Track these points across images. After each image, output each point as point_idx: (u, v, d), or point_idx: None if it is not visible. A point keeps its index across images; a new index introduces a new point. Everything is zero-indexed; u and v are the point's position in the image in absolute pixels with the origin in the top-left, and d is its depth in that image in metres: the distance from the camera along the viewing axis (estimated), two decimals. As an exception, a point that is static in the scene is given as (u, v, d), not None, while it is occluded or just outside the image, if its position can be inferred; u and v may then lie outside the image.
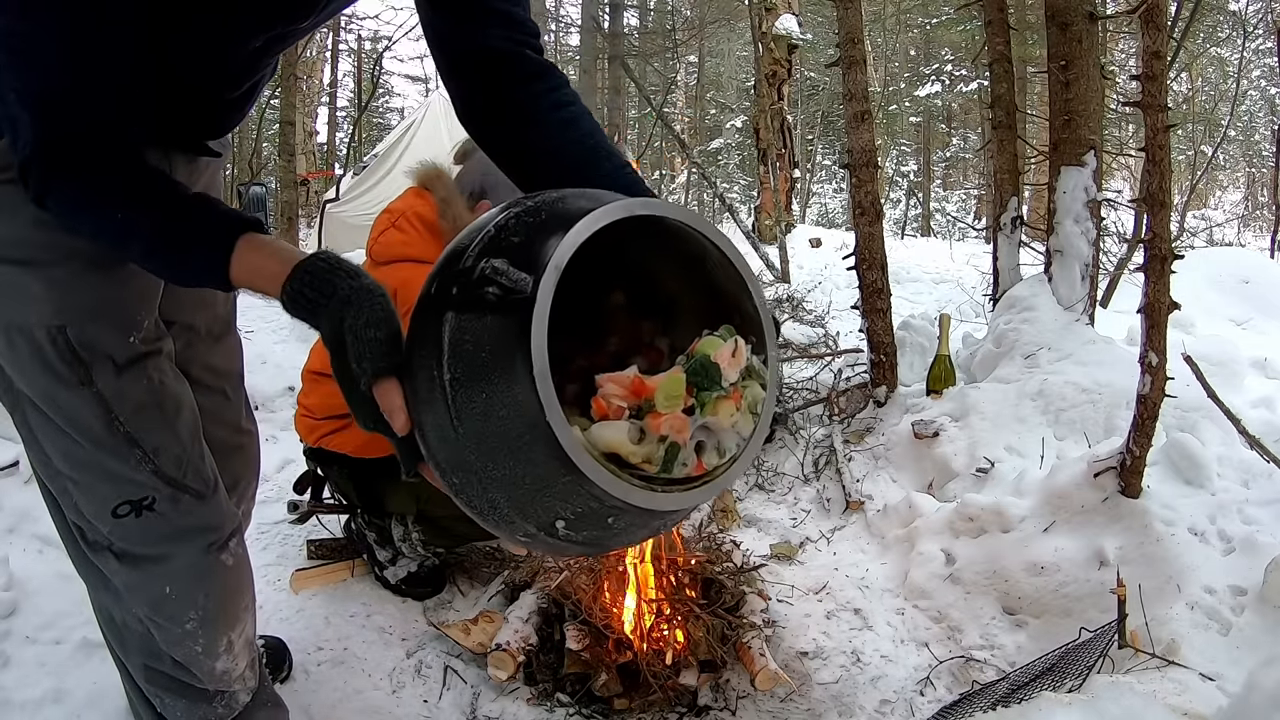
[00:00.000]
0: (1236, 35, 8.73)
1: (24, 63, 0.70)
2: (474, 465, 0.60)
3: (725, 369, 0.63)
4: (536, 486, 0.59)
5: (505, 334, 0.56)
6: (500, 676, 1.57)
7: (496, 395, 0.57)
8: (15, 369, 0.91)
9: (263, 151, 10.71)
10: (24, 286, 0.86)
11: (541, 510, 0.60)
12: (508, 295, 0.56)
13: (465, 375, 0.58)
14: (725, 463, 0.64)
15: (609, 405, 0.61)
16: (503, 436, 0.57)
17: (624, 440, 0.59)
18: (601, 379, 0.62)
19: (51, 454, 0.96)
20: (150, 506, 0.98)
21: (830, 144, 16.37)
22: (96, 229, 0.75)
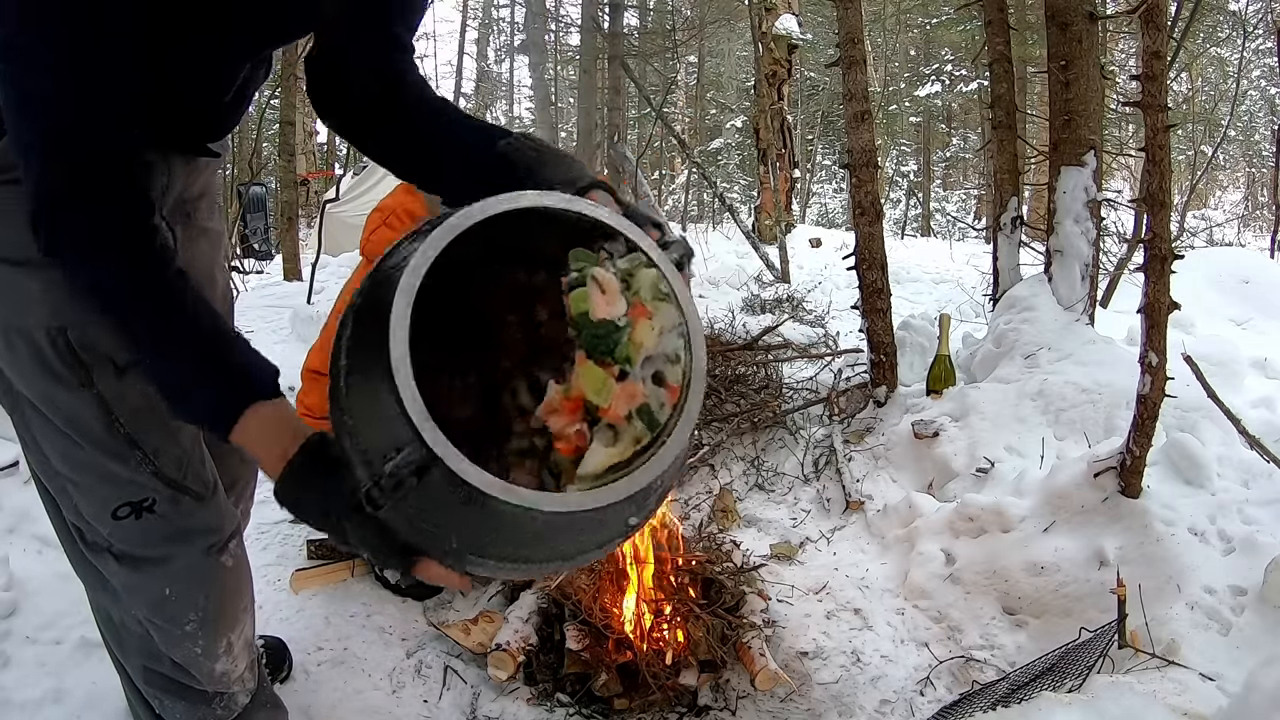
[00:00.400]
0: (1236, 35, 8.73)
1: (26, 88, 0.70)
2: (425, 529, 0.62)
3: (605, 311, 0.61)
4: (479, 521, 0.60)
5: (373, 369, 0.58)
6: (500, 676, 1.57)
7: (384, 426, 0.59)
8: (15, 371, 0.91)
9: (263, 151, 10.71)
10: (23, 288, 0.86)
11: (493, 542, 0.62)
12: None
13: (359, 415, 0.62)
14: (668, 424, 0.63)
15: (569, 440, 0.60)
16: (437, 503, 0.60)
17: (609, 451, 0.59)
18: (543, 420, 0.62)
19: (51, 455, 0.96)
20: (150, 508, 0.98)
21: (830, 144, 16.37)
22: (105, 315, 0.74)
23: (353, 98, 0.96)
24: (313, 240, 5.75)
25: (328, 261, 5.41)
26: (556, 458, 0.62)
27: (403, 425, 0.56)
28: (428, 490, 0.57)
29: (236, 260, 7.19)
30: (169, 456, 0.98)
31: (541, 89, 16.34)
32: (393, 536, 0.65)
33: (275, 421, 0.71)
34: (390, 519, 0.62)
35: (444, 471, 0.56)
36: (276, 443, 0.70)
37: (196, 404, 0.73)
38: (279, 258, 7.26)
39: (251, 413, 0.71)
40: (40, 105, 0.70)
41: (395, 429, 0.57)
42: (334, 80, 0.97)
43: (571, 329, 0.63)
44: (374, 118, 0.96)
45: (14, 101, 0.70)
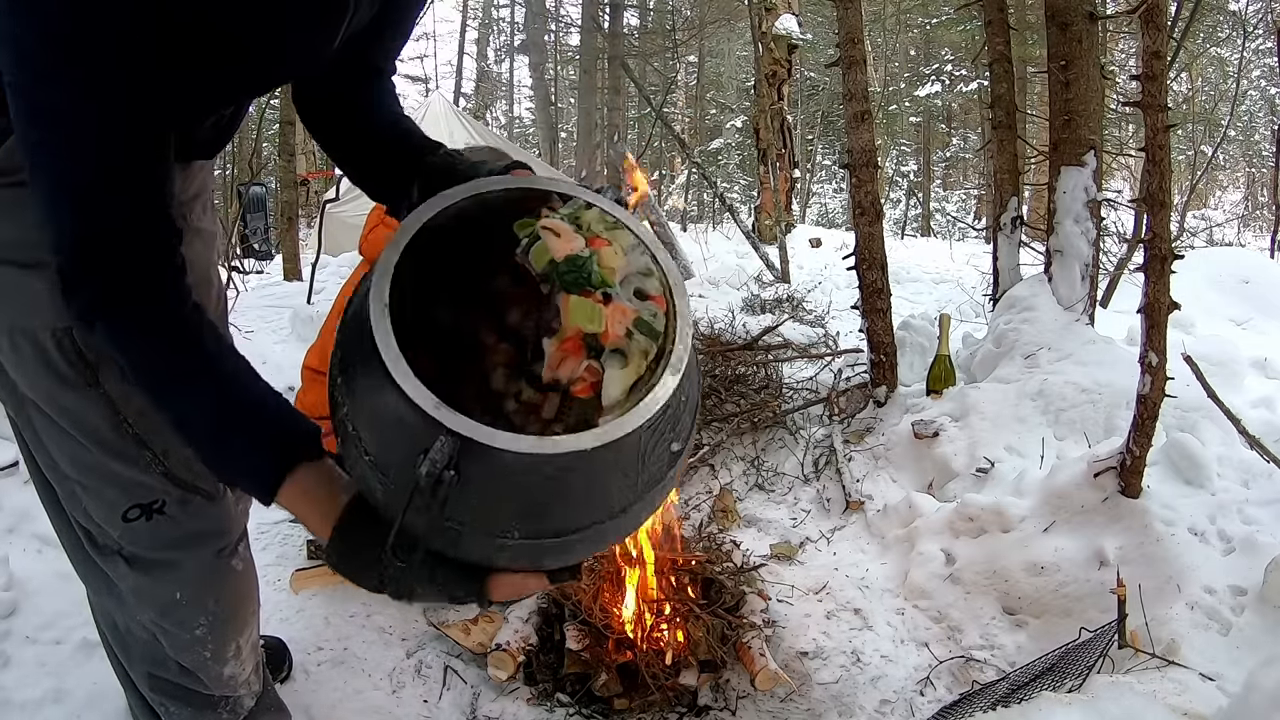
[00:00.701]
0: (1236, 35, 8.73)
1: (57, 151, 0.67)
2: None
3: (566, 248, 0.63)
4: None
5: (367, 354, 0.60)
6: (500, 676, 1.57)
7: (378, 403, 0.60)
8: (20, 373, 0.90)
9: (263, 151, 10.70)
10: (28, 289, 0.85)
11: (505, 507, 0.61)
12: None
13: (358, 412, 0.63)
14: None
15: (584, 380, 0.61)
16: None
17: (624, 372, 0.61)
18: (553, 375, 0.63)
19: (59, 458, 0.95)
20: (160, 510, 0.97)
21: (830, 144, 16.37)
22: (143, 389, 0.72)
23: (324, 115, 1.00)
24: (313, 240, 5.75)
25: (328, 261, 5.41)
26: (578, 409, 0.63)
27: (420, 427, 0.56)
28: (469, 483, 0.56)
29: (236, 260, 7.18)
30: (178, 457, 0.97)
31: (541, 89, 16.36)
32: (454, 564, 0.64)
33: (319, 485, 0.71)
34: (443, 543, 0.61)
35: (480, 453, 0.55)
36: (320, 506, 0.69)
37: (239, 470, 0.72)
38: (279, 258, 7.26)
39: (295, 477, 0.70)
40: (66, 173, 0.67)
41: (413, 436, 0.57)
42: (310, 96, 0.99)
43: (543, 284, 0.64)
44: (337, 132, 0.99)
45: (41, 162, 0.67)
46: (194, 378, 0.71)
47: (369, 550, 0.66)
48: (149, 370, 0.71)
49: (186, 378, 0.71)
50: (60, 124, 0.65)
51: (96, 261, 0.69)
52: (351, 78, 0.97)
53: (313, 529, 0.70)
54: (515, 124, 22.45)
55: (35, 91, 0.65)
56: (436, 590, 0.67)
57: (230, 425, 0.71)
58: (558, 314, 0.63)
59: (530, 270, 0.65)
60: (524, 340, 0.73)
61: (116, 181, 0.68)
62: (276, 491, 0.70)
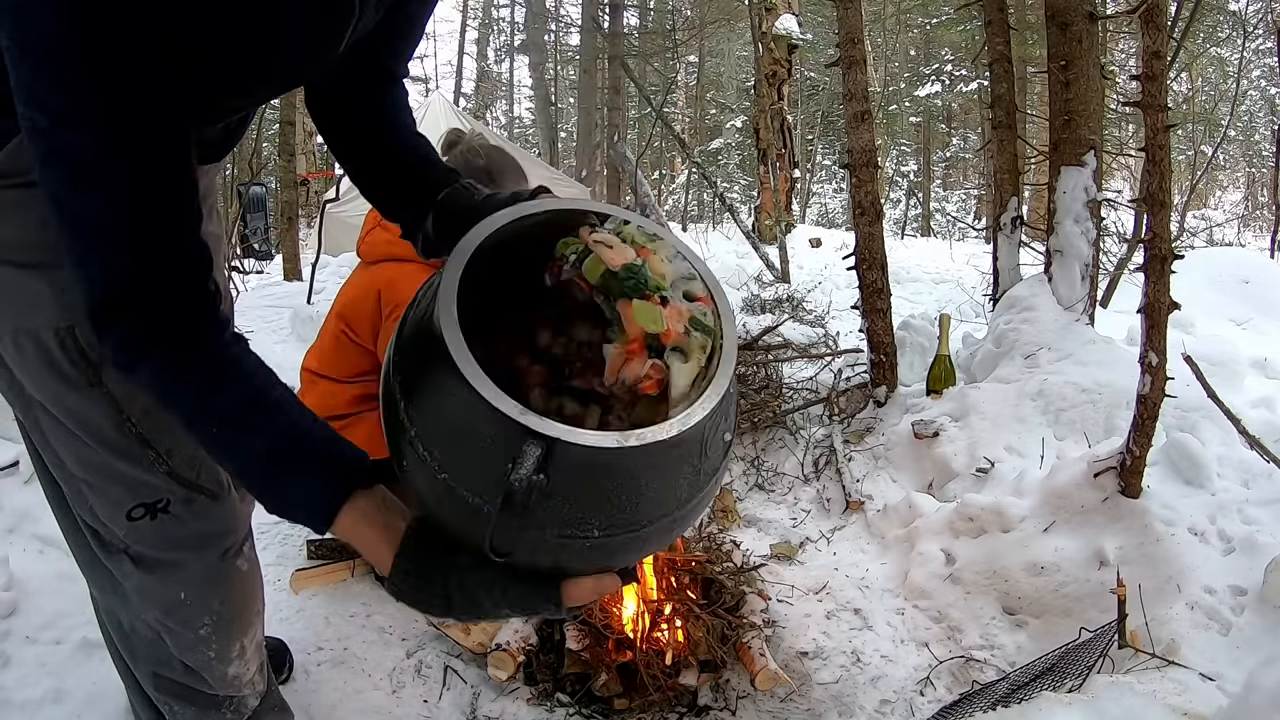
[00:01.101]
0: (1236, 35, 8.73)
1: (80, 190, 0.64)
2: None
3: (621, 258, 0.67)
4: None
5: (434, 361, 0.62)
6: (500, 676, 1.57)
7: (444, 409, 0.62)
8: (25, 373, 0.90)
9: (263, 151, 10.70)
10: (31, 289, 0.85)
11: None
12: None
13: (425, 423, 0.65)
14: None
15: (650, 378, 0.65)
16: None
17: (689, 366, 0.65)
18: (615, 377, 0.66)
19: (65, 458, 0.95)
20: (165, 509, 0.97)
21: (830, 144, 16.38)
22: (186, 426, 0.70)
23: (336, 118, 1.00)
24: (313, 240, 5.75)
25: (328, 261, 5.41)
26: (640, 410, 0.68)
27: (506, 436, 0.58)
28: (555, 487, 0.58)
29: (236, 260, 7.19)
30: (182, 455, 0.97)
31: (541, 89, 16.36)
32: (527, 575, 0.64)
33: (376, 511, 0.69)
34: (523, 555, 0.62)
35: (566, 454, 0.57)
36: (380, 533, 0.68)
37: (294, 501, 0.70)
38: (279, 258, 7.26)
39: (352, 505, 0.69)
40: (97, 211, 0.64)
41: (496, 448, 0.58)
42: (323, 99, 0.99)
43: (597, 295, 0.68)
44: (350, 142, 1.00)
45: (70, 205, 0.64)
46: (242, 412, 0.69)
47: (436, 573, 0.66)
48: (195, 410, 0.69)
49: (234, 413, 0.69)
50: (85, 167, 0.63)
51: (135, 302, 0.66)
52: (362, 81, 0.97)
53: (372, 557, 0.69)
54: (515, 124, 22.45)
55: (57, 134, 0.62)
56: (510, 605, 0.66)
57: (282, 457, 0.69)
58: (613, 322, 0.67)
59: (581, 283, 0.68)
60: (557, 360, 0.76)
61: (152, 215, 0.66)
62: (333, 520, 0.69)
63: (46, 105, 0.62)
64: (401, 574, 0.67)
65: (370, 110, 0.98)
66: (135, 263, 0.66)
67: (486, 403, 0.58)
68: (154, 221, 0.66)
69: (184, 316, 0.69)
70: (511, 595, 0.65)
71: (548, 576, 0.66)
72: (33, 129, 0.63)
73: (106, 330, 0.67)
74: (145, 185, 0.65)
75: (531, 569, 0.65)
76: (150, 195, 0.65)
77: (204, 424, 0.69)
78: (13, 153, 0.79)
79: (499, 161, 1.90)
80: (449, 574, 0.66)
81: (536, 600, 0.66)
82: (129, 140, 0.63)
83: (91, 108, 0.62)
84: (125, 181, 0.64)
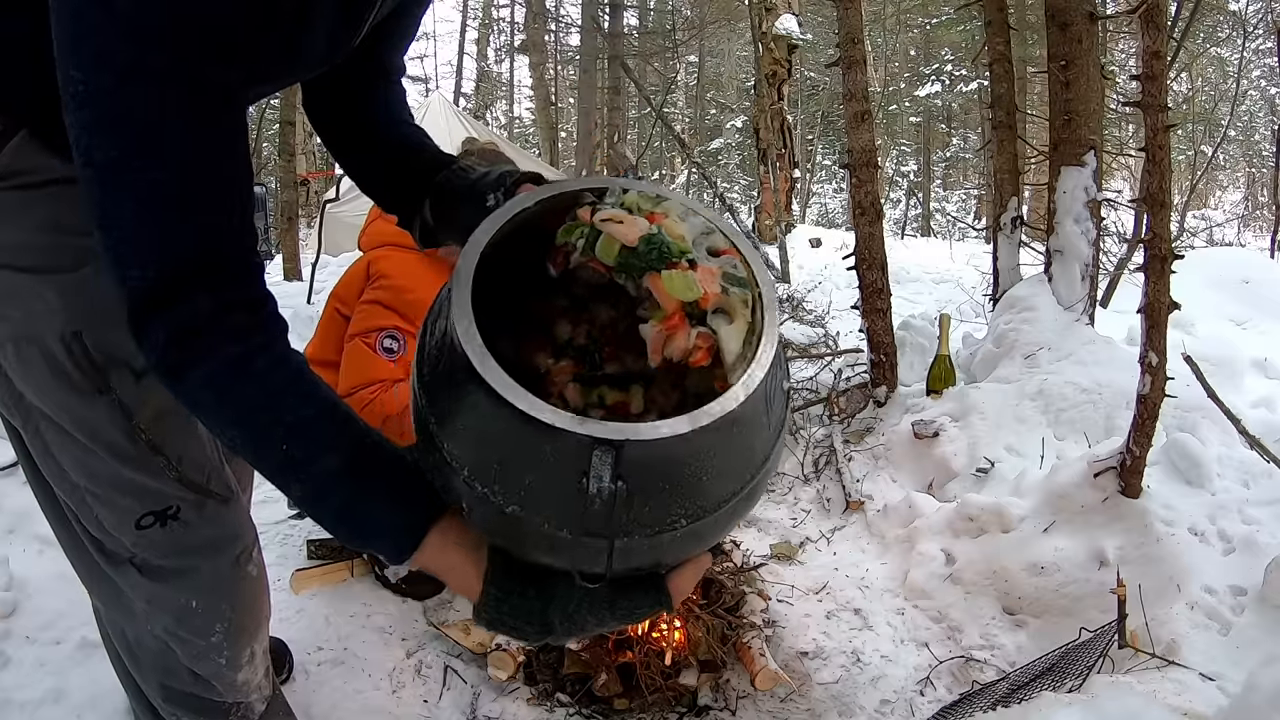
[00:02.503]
0: (1236, 35, 8.73)
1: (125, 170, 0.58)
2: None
3: (636, 231, 0.63)
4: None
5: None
6: (500, 676, 1.57)
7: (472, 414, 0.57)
8: (27, 382, 0.87)
9: (263, 151, 10.70)
10: (34, 295, 0.82)
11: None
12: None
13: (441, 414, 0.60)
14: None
15: (699, 348, 0.61)
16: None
17: (737, 325, 0.60)
18: (662, 355, 0.62)
19: (69, 468, 0.92)
20: (175, 516, 0.95)
21: (830, 144, 16.38)
22: (247, 446, 0.63)
23: (335, 123, 0.98)
24: (313, 240, 5.75)
25: (328, 261, 5.41)
26: (693, 379, 0.64)
27: (569, 450, 0.53)
28: (635, 488, 0.54)
29: (236, 260, 7.18)
30: (192, 461, 0.95)
31: (541, 89, 16.34)
32: (630, 583, 0.61)
33: (462, 536, 0.63)
34: (618, 567, 0.59)
35: (637, 451, 0.53)
36: (466, 559, 0.63)
37: (375, 528, 0.63)
38: (279, 258, 7.26)
39: (439, 530, 0.63)
40: (148, 188, 0.58)
41: (563, 467, 0.54)
42: (322, 95, 0.98)
43: (618, 276, 0.63)
44: (349, 140, 0.98)
45: (117, 180, 0.58)
46: (316, 426, 0.62)
47: (535, 600, 0.62)
48: (265, 422, 0.61)
49: (309, 427, 0.61)
50: (150, 130, 0.56)
51: (190, 290, 0.59)
52: (363, 75, 0.95)
53: (458, 584, 0.64)
54: (515, 124, 22.45)
55: (120, 94, 0.56)
56: (618, 618, 0.62)
57: (361, 478, 0.62)
58: (641, 299, 0.62)
59: (598, 267, 0.64)
60: (582, 349, 0.71)
61: (215, 195, 0.60)
62: (418, 548, 0.63)
63: (117, 58, 0.55)
64: (494, 601, 0.62)
65: (368, 104, 0.97)
66: (200, 236, 0.59)
67: (542, 424, 0.53)
68: (220, 193, 0.60)
69: (246, 305, 0.61)
70: (619, 609, 0.62)
71: (648, 578, 0.62)
72: (88, 92, 0.56)
73: (156, 319, 0.59)
74: (215, 154, 0.60)
75: (629, 576, 0.61)
76: (219, 166, 0.60)
77: (273, 441, 0.61)
78: (14, 153, 0.77)
79: None
80: (549, 600, 0.61)
81: (644, 606, 0.63)
82: (204, 105, 0.58)
83: (165, 62, 0.56)
84: (197, 148, 0.58)
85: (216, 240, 0.60)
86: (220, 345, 0.60)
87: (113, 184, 0.57)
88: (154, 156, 0.57)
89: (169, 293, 0.58)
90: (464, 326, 0.56)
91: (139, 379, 0.89)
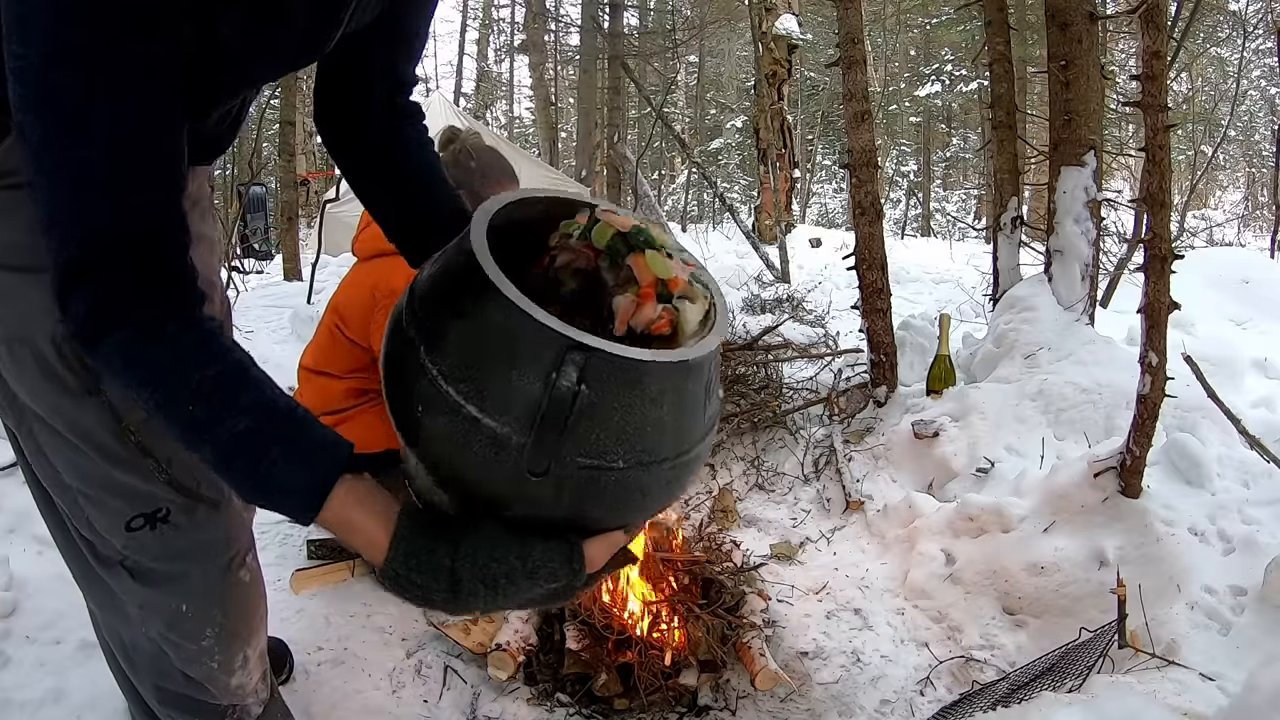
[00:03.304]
0: (1236, 35, 8.73)
1: (69, 142, 0.60)
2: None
3: (625, 222, 0.73)
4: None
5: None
6: (500, 676, 1.57)
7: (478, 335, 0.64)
8: (20, 383, 0.87)
9: (263, 151, 10.69)
10: (25, 295, 0.82)
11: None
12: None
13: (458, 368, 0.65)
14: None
15: (663, 319, 0.69)
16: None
17: (697, 306, 0.70)
18: (628, 324, 0.69)
19: (62, 469, 0.92)
20: (165, 518, 0.95)
21: (830, 144, 16.38)
22: (159, 409, 0.63)
23: (347, 129, 0.99)
24: (313, 240, 5.75)
25: (328, 261, 5.41)
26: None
27: (546, 350, 0.59)
28: (593, 400, 0.60)
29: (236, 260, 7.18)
30: (182, 463, 0.95)
31: (541, 89, 16.35)
32: (546, 530, 0.64)
33: (368, 494, 0.64)
34: (547, 489, 0.62)
35: (603, 364, 0.59)
36: (373, 517, 0.63)
37: (280, 484, 0.63)
38: (279, 258, 7.27)
39: (342, 487, 0.63)
40: (80, 164, 0.60)
41: (536, 364, 0.59)
42: (335, 104, 0.98)
43: (603, 260, 0.71)
44: (361, 155, 0.99)
45: (51, 155, 0.60)
46: (224, 388, 0.63)
47: (441, 548, 0.62)
48: (171, 385, 0.62)
49: (216, 388, 0.62)
50: (76, 108, 0.59)
51: (110, 264, 0.61)
52: (369, 86, 0.96)
53: (364, 542, 0.64)
54: (515, 124, 22.45)
55: (48, 73, 0.58)
56: (527, 571, 0.62)
57: (268, 437, 0.63)
58: (623, 278, 0.71)
59: (586, 251, 0.72)
60: None
61: (139, 173, 0.62)
62: (323, 504, 0.63)
63: (45, 37, 0.57)
64: (403, 557, 0.62)
65: (381, 125, 0.97)
66: (120, 213, 0.61)
67: (530, 318, 0.59)
68: (145, 170, 0.62)
69: (164, 278, 0.63)
70: (530, 562, 0.62)
71: (562, 537, 0.65)
72: (23, 69, 0.58)
73: (78, 291, 0.61)
74: (141, 131, 0.61)
75: (547, 522, 0.65)
76: (144, 143, 0.61)
77: (180, 402, 0.62)
78: (7, 153, 0.77)
79: (491, 164, 1.91)
80: (456, 546, 0.61)
81: (557, 558, 0.63)
82: (128, 82, 0.59)
83: (86, 39, 0.57)
84: (122, 125, 0.60)
85: (139, 219, 0.62)
86: (134, 312, 0.62)
87: (42, 160, 0.60)
88: (80, 134, 0.59)
89: (90, 266, 0.60)
90: (478, 239, 0.64)
91: None
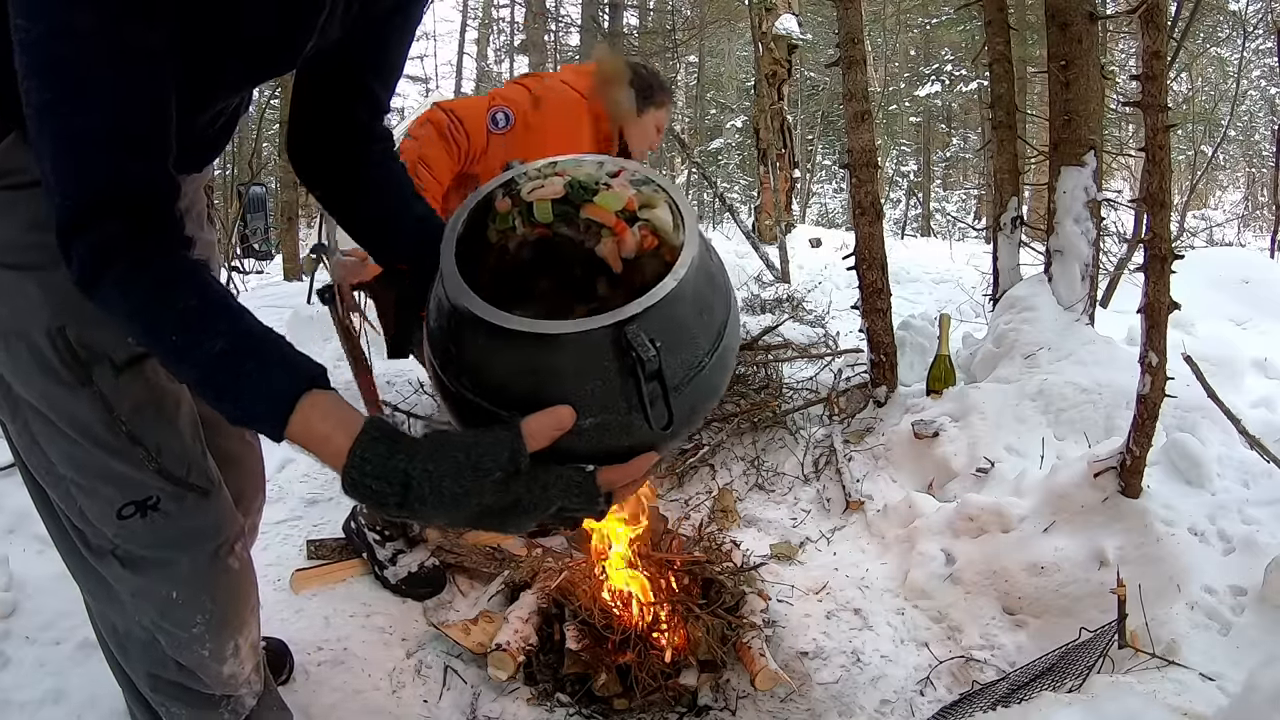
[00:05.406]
0: (1236, 35, 8.72)
1: (67, 101, 0.66)
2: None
3: (556, 187, 0.76)
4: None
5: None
6: (500, 676, 1.57)
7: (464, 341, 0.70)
8: (15, 375, 0.91)
9: (263, 151, 10.69)
10: (20, 291, 0.86)
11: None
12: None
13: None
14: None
15: (641, 239, 0.74)
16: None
17: (661, 207, 0.75)
18: (623, 254, 0.74)
19: (55, 459, 0.96)
20: (155, 506, 0.98)
21: (830, 144, 16.35)
22: (147, 336, 0.70)
23: (317, 156, 1.02)
24: (313, 240, 5.75)
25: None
26: (650, 272, 0.75)
27: (599, 350, 0.65)
28: (667, 344, 0.66)
29: (236, 260, 7.19)
30: (171, 452, 0.99)
31: (541, 89, 16.32)
32: (477, 420, 0.70)
33: (334, 407, 0.68)
34: (679, 429, 0.71)
35: (653, 315, 0.65)
36: (337, 425, 0.66)
37: (253, 396, 0.68)
38: (279, 258, 7.27)
39: (310, 398, 0.67)
40: (78, 127, 0.67)
41: (595, 367, 0.65)
42: (305, 133, 1.01)
43: (558, 227, 0.75)
44: (332, 179, 1.02)
45: (51, 122, 0.67)
46: (204, 315, 0.69)
47: (392, 460, 0.64)
48: (157, 312, 0.69)
49: (196, 315, 0.68)
50: (78, 79, 0.65)
51: (106, 216, 0.67)
52: (348, 98, 0.98)
53: (330, 454, 0.67)
54: (515, 124, 22.39)
55: (52, 44, 0.64)
56: (471, 468, 0.64)
57: (242, 356, 0.68)
58: (584, 229, 0.75)
59: (538, 231, 0.75)
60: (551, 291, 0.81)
61: (138, 127, 0.68)
62: (291, 413, 0.67)
63: (48, 14, 0.63)
64: (359, 461, 0.65)
65: (355, 145, 1.00)
66: (117, 173, 0.68)
67: (573, 335, 0.64)
68: (140, 133, 0.68)
69: (154, 226, 0.70)
70: (476, 448, 0.65)
71: (575, 468, 0.69)
72: (28, 40, 0.64)
73: (79, 237, 0.68)
74: (136, 100, 0.68)
75: (469, 410, 0.72)
76: (138, 108, 0.68)
77: (165, 328, 0.68)
78: (4, 154, 0.80)
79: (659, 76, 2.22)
80: (414, 452, 0.64)
81: (499, 447, 0.65)
82: (126, 55, 0.66)
83: (91, 22, 0.64)
84: (119, 95, 0.66)
85: (133, 179, 0.69)
86: (127, 253, 0.68)
87: (45, 123, 0.66)
88: (80, 100, 0.65)
89: (88, 217, 0.67)
90: (470, 298, 0.68)
91: (119, 373, 0.93)
